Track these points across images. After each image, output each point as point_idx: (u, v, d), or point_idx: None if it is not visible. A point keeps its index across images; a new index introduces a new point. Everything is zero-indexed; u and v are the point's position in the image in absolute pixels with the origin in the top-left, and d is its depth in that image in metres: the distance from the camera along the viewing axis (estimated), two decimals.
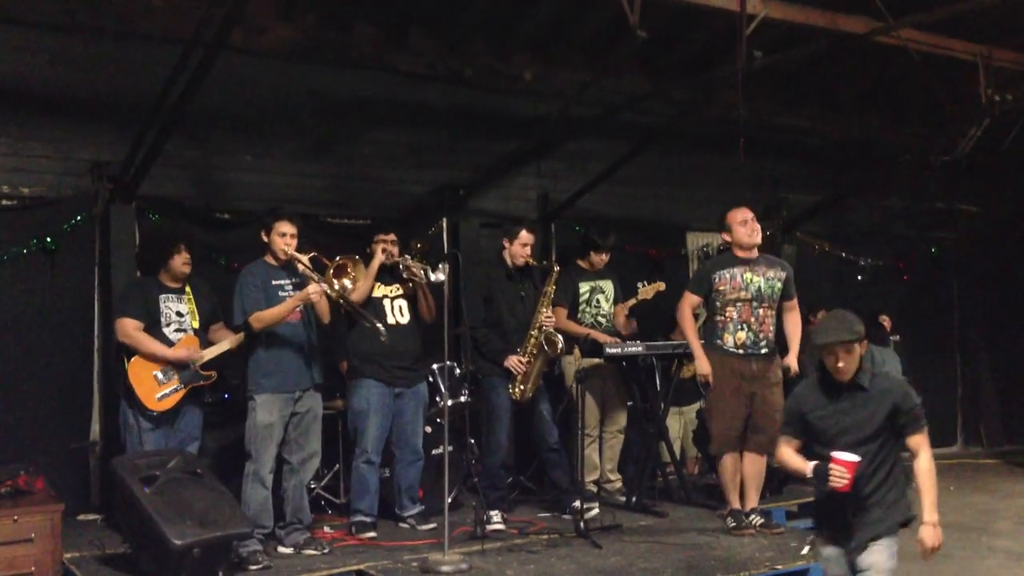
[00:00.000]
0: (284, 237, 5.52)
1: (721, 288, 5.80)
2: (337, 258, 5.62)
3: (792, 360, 5.86)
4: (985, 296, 11.88)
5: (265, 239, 5.59)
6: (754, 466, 5.82)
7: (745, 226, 5.78)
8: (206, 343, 5.68)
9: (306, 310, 5.59)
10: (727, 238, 5.88)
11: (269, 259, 5.62)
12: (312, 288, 5.42)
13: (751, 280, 5.77)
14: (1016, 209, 11.62)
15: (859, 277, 10.63)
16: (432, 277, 5.68)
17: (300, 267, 5.48)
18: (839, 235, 10.62)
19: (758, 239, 5.83)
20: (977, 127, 8.79)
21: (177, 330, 5.61)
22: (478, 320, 6.27)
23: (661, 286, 7.31)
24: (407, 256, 5.98)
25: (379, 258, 5.93)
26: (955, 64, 8.43)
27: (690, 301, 5.98)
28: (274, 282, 5.55)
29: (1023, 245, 11.57)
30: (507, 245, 6.35)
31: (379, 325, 5.62)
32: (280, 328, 5.50)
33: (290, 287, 5.56)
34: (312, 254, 5.57)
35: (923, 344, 10.95)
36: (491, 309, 6.25)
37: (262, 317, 5.42)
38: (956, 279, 11.73)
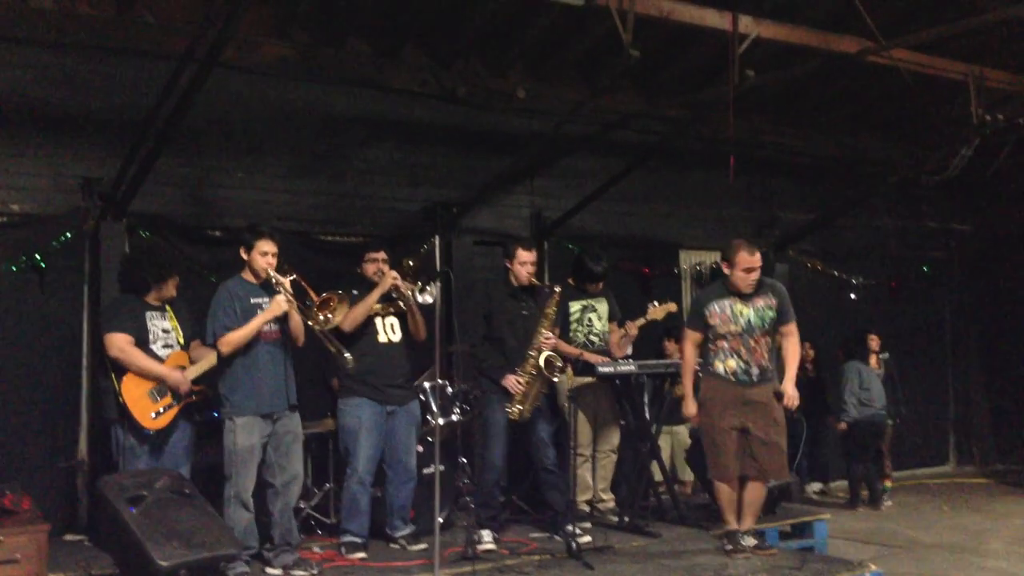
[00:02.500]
0: (266, 256, 5.43)
1: (712, 323, 5.77)
2: (323, 294, 5.54)
3: (788, 386, 5.76)
4: (977, 315, 11.91)
5: (245, 257, 5.48)
6: (754, 492, 5.78)
7: (748, 274, 5.70)
8: (191, 360, 5.62)
9: (283, 331, 5.50)
10: (725, 269, 5.82)
11: (247, 276, 5.51)
12: (279, 299, 5.32)
13: (741, 312, 5.73)
14: (1008, 228, 11.68)
15: (852, 296, 10.64)
16: (420, 299, 5.65)
17: (281, 291, 5.37)
18: (831, 254, 10.64)
19: (752, 289, 5.77)
20: (968, 146, 8.83)
21: (165, 346, 5.54)
22: (478, 337, 6.23)
23: (673, 307, 7.28)
24: (397, 276, 5.91)
25: (381, 289, 5.86)
26: (946, 84, 8.47)
27: (692, 339, 5.91)
28: (252, 300, 5.44)
29: (1015, 264, 11.62)
30: (509, 265, 6.32)
31: (348, 355, 5.53)
32: (259, 348, 5.40)
33: (267, 305, 5.44)
34: (293, 277, 5.47)
35: (915, 363, 10.95)
36: (491, 327, 6.22)
37: (231, 340, 5.33)
38: (948, 298, 11.75)
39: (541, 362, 6.06)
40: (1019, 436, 11.42)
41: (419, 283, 5.72)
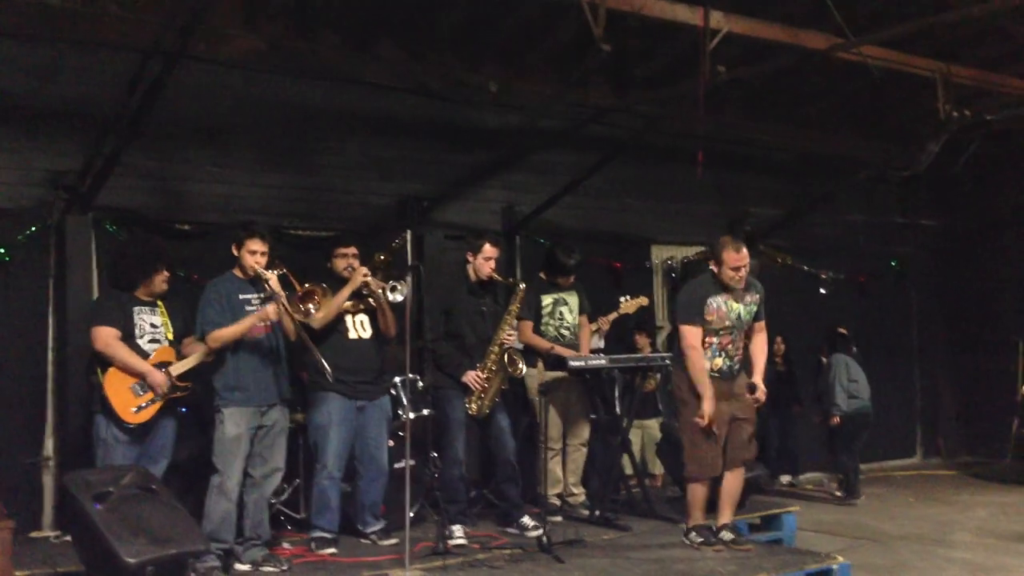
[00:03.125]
0: (255, 255, 5.51)
1: (709, 318, 5.73)
2: (306, 284, 5.61)
3: (757, 380, 5.79)
4: (943, 309, 12.05)
5: (236, 253, 5.57)
6: (732, 481, 5.80)
7: (736, 272, 5.69)
8: (180, 356, 5.59)
9: (275, 324, 5.56)
10: (714, 267, 5.80)
11: (238, 273, 5.60)
12: (271, 309, 5.43)
13: (733, 308, 5.77)
14: (973, 223, 11.82)
15: (821, 290, 10.73)
16: (391, 297, 5.66)
17: (267, 287, 5.45)
18: (801, 248, 10.71)
19: (742, 285, 5.77)
20: (936, 142, 8.92)
21: (151, 341, 5.52)
22: (439, 333, 6.23)
23: (644, 301, 7.32)
24: (367, 274, 5.90)
25: (352, 287, 5.85)
26: (915, 80, 8.56)
27: (696, 335, 5.70)
28: (241, 296, 5.53)
29: (980, 259, 11.76)
30: (471, 259, 6.30)
31: (325, 364, 5.57)
32: (249, 341, 5.48)
33: (257, 302, 5.53)
34: (281, 271, 5.57)
35: (882, 356, 11.06)
36: (451, 323, 6.21)
37: (219, 336, 5.42)
38: (915, 292, 11.87)
39: (503, 358, 6.06)
40: (984, 428, 11.57)
41: (389, 282, 5.71)
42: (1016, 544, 7.23)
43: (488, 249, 6.24)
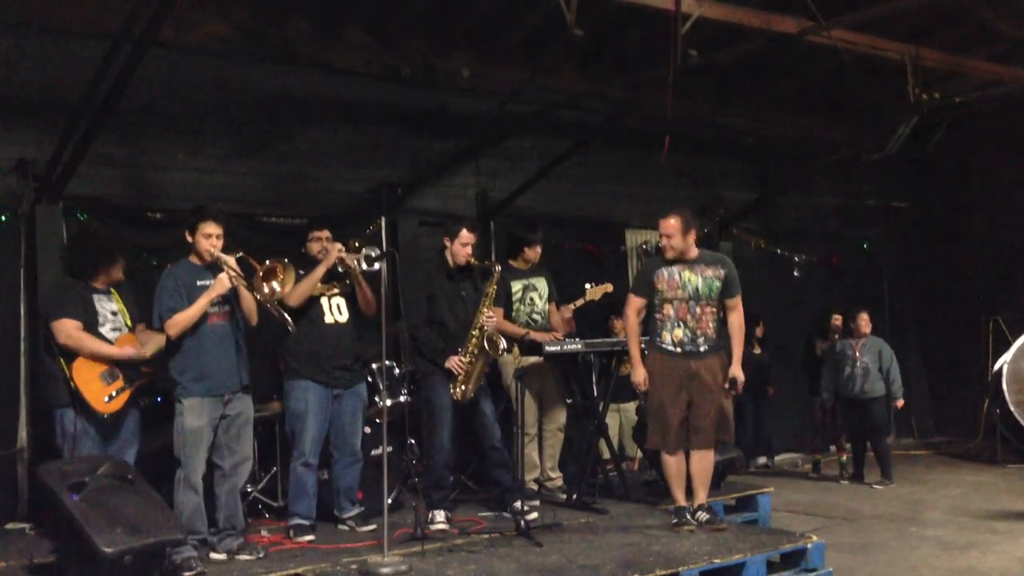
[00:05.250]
0: (210, 239, 5.37)
1: (659, 287, 5.84)
2: (266, 262, 5.51)
3: (736, 370, 5.83)
4: (913, 291, 12.17)
5: (190, 239, 5.42)
6: (700, 462, 5.86)
7: (669, 239, 5.78)
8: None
9: (233, 311, 5.45)
10: (659, 237, 5.93)
11: (194, 259, 5.45)
12: (222, 277, 5.27)
13: (689, 279, 5.81)
14: (943, 205, 11.94)
15: (794, 273, 10.81)
16: (364, 266, 5.60)
17: (226, 269, 5.32)
18: (774, 232, 10.79)
19: (678, 252, 5.81)
20: (906, 125, 9.00)
21: (113, 329, 5.47)
22: (420, 319, 6.22)
23: (609, 287, 7.35)
24: (342, 249, 5.87)
25: (327, 263, 5.82)
26: (884, 63, 8.60)
27: (634, 305, 5.96)
28: (199, 283, 5.37)
29: (950, 240, 11.89)
30: (448, 244, 6.30)
31: (291, 326, 5.52)
32: (207, 329, 5.35)
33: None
34: (239, 254, 5.43)
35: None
36: (432, 308, 6.21)
37: (177, 322, 5.27)
38: (886, 274, 11.99)
39: (484, 342, 6.08)
40: (956, 409, 11.71)
41: (362, 250, 5.65)
42: (988, 522, 7.33)
43: (465, 235, 6.24)
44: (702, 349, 5.80)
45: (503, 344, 6.13)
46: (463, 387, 6.09)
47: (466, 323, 6.16)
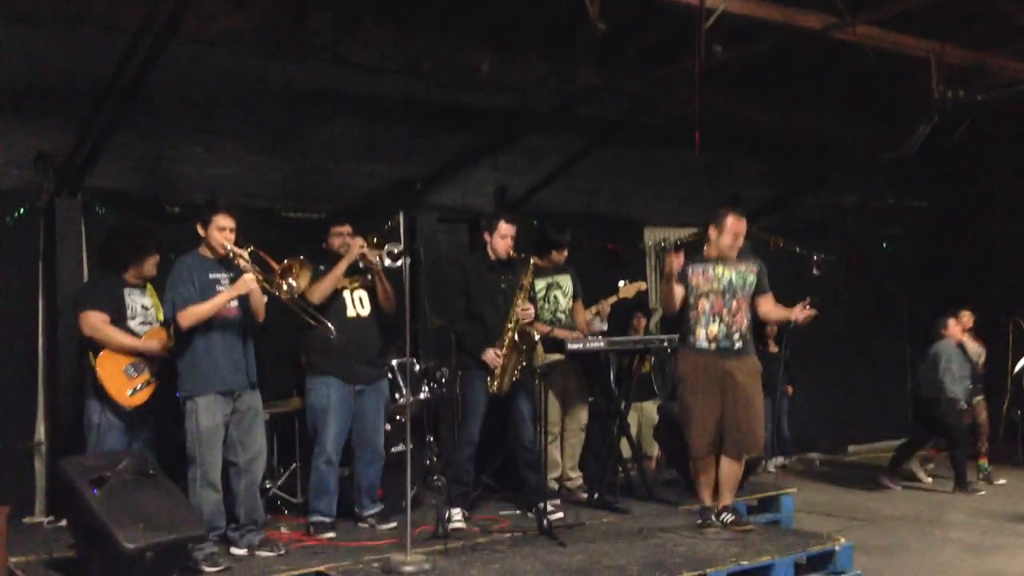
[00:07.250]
0: (224, 232, 5.27)
1: (694, 282, 5.78)
2: (285, 261, 5.40)
3: (793, 311, 5.82)
4: (934, 290, 12.05)
5: (202, 232, 5.32)
6: (729, 468, 5.78)
7: (735, 239, 5.77)
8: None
9: (242, 307, 5.37)
10: (712, 234, 5.82)
11: (205, 252, 5.34)
12: (248, 278, 5.19)
13: (722, 273, 5.77)
14: (963, 204, 11.83)
15: (814, 271, 10.70)
16: (388, 262, 5.52)
17: (240, 263, 5.23)
18: (793, 230, 10.68)
19: (735, 254, 5.81)
20: (927, 123, 8.90)
21: (143, 323, 5.44)
22: (457, 314, 6.17)
23: (642, 285, 7.29)
24: (363, 244, 5.80)
25: (349, 258, 5.77)
26: (908, 60, 8.52)
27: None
28: (210, 276, 5.28)
29: (971, 239, 11.78)
30: (487, 238, 6.24)
31: (329, 324, 5.50)
32: (219, 325, 5.25)
33: (226, 282, 5.30)
34: (250, 248, 5.33)
35: (874, 337, 11.10)
36: (471, 302, 6.15)
37: (193, 313, 5.15)
38: (906, 273, 11.89)
39: (518, 333, 6.02)
40: None
41: (385, 247, 5.57)
42: (1012, 524, 7.25)
43: (504, 227, 6.18)
44: (737, 346, 5.72)
45: (536, 336, 6.08)
46: (499, 380, 6.04)
47: (506, 316, 6.10)
